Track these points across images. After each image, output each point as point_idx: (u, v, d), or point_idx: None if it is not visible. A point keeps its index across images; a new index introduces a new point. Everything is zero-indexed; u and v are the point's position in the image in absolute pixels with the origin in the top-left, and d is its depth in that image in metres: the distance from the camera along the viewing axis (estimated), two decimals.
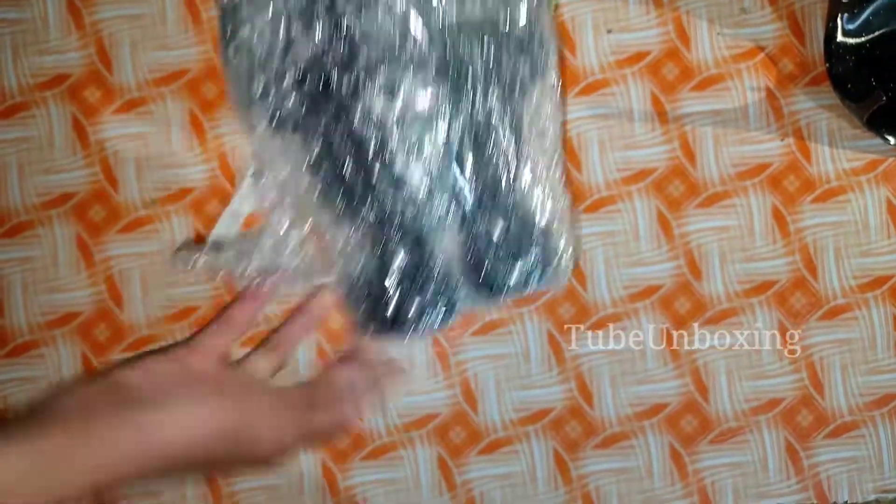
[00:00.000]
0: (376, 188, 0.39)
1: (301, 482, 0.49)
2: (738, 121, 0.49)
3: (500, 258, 0.40)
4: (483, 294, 0.41)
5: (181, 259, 0.42)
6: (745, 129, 0.49)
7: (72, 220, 0.49)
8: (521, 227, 0.41)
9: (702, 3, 0.48)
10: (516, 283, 0.41)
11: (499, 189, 0.40)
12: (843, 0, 0.45)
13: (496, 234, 0.40)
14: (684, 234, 0.49)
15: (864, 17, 0.45)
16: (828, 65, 0.45)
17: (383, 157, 0.38)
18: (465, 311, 0.42)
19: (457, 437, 0.49)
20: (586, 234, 0.49)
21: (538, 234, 0.41)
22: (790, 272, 0.49)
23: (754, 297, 0.49)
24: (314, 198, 0.40)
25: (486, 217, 0.40)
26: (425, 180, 0.39)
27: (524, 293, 0.41)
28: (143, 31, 0.48)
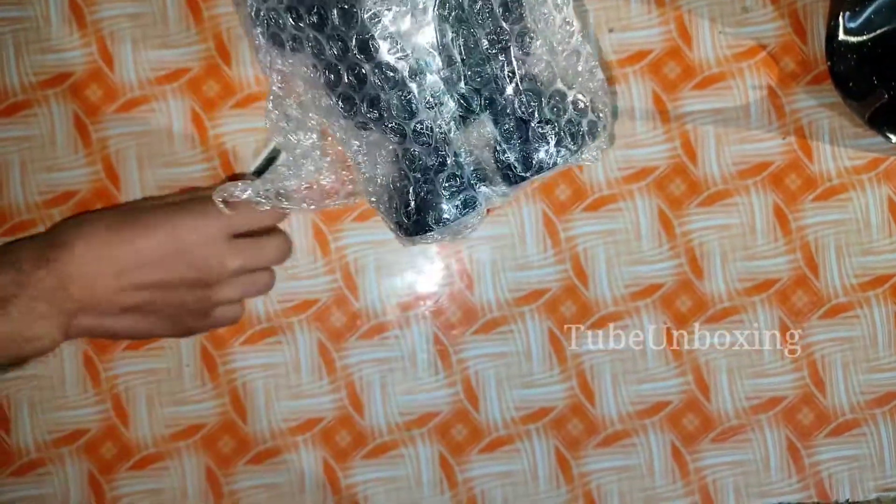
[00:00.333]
0: (388, 87, 0.36)
1: (302, 480, 0.49)
2: (740, 119, 0.49)
3: (531, 134, 0.36)
4: (514, 177, 0.37)
5: (222, 193, 0.41)
6: (746, 128, 0.49)
7: None
8: (546, 97, 0.37)
9: (703, 1, 0.48)
10: (550, 156, 0.37)
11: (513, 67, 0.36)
12: None
13: (529, 91, 0.36)
14: (686, 232, 0.49)
15: (865, 15, 0.45)
16: (829, 63, 0.45)
17: (389, 52, 0.35)
18: (488, 203, 0.39)
19: (458, 435, 0.49)
20: (587, 233, 0.49)
21: (568, 103, 0.37)
22: (791, 270, 0.49)
23: (756, 296, 0.49)
24: (333, 110, 0.38)
25: (507, 98, 0.36)
26: (437, 70, 0.35)
27: (560, 165, 0.38)
28: (144, 30, 0.48)
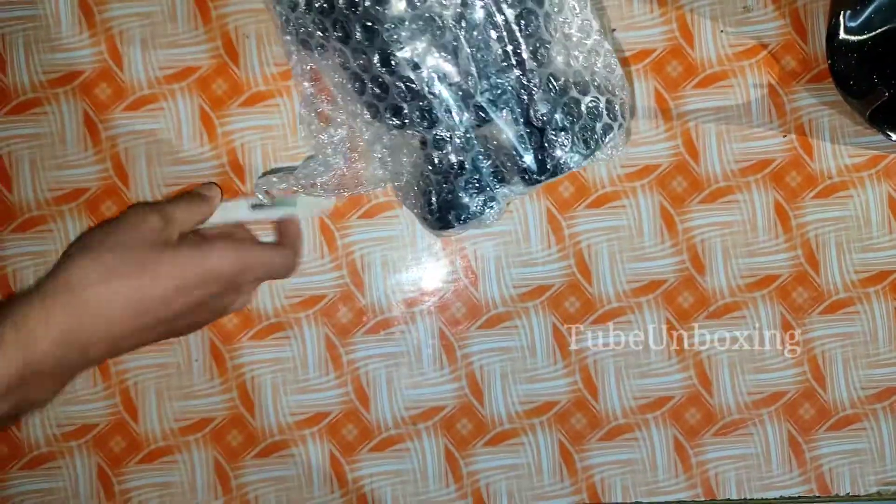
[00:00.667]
0: (409, 98, 0.38)
1: (309, 473, 0.50)
2: (741, 117, 0.49)
3: (546, 141, 0.38)
4: (530, 179, 0.39)
5: (261, 187, 0.46)
6: (747, 126, 0.49)
7: (83, 216, 0.49)
8: (561, 105, 0.38)
9: (705, 1, 0.49)
10: (565, 161, 0.39)
11: (530, 67, 0.38)
12: None
13: (544, 101, 0.38)
14: (687, 229, 0.50)
15: (866, 14, 0.45)
16: (830, 62, 0.46)
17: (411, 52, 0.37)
18: (507, 199, 0.42)
19: (463, 429, 0.50)
20: (591, 230, 0.49)
21: (583, 109, 0.39)
22: (792, 267, 0.50)
23: (757, 292, 0.50)
24: (360, 114, 0.40)
25: (528, 97, 0.38)
26: (466, 70, 0.37)
27: (575, 168, 0.40)
28: (153, 29, 0.49)
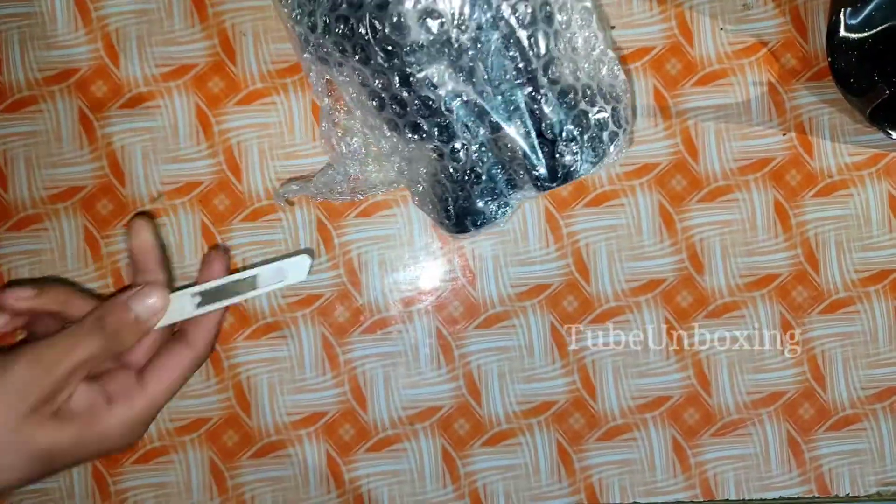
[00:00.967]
0: (428, 115, 0.40)
1: (306, 474, 0.49)
2: (741, 115, 0.49)
3: (567, 137, 0.40)
4: (542, 186, 0.41)
5: (279, 197, 0.48)
6: (747, 124, 0.49)
7: (79, 215, 0.49)
8: (571, 118, 0.40)
9: None
10: (575, 169, 0.41)
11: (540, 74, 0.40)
12: None
13: (555, 114, 0.40)
14: (686, 228, 0.49)
15: (866, 12, 0.45)
16: (830, 60, 0.46)
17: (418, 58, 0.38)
18: (520, 203, 0.44)
19: (460, 429, 0.49)
20: (589, 229, 0.49)
21: (591, 120, 0.41)
22: (792, 266, 0.49)
23: (756, 291, 0.49)
24: (381, 121, 0.42)
25: (541, 104, 0.40)
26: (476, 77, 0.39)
27: (585, 174, 0.41)
28: (149, 26, 0.49)
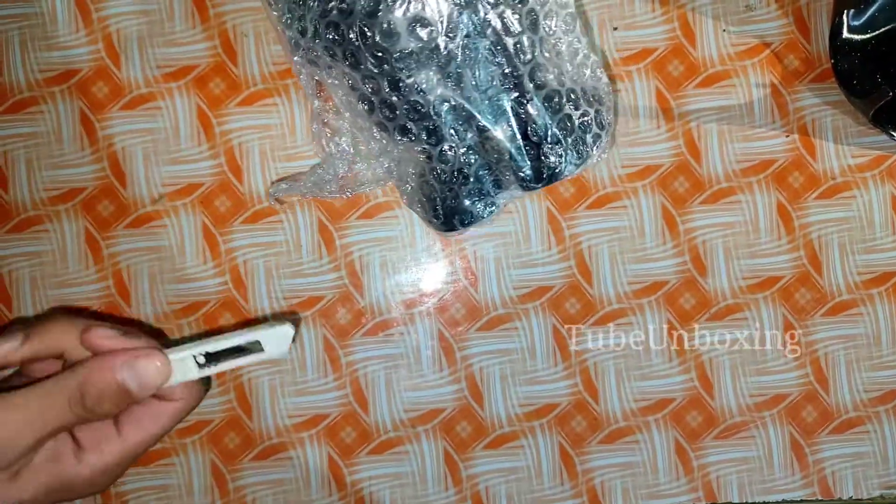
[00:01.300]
0: (416, 119, 0.40)
1: (307, 476, 0.49)
2: (743, 117, 0.49)
3: (552, 139, 0.41)
4: (528, 186, 0.42)
5: (271, 196, 0.48)
6: (750, 126, 0.49)
7: (80, 216, 0.49)
8: (555, 122, 0.41)
9: (707, 0, 0.49)
10: (559, 170, 0.42)
11: (524, 73, 0.40)
12: None
13: (541, 118, 0.41)
14: (689, 229, 0.49)
15: (869, 13, 0.45)
16: (833, 61, 0.45)
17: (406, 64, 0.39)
18: (506, 202, 0.44)
19: (462, 431, 0.49)
20: (591, 231, 0.49)
21: (575, 124, 0.42)
22: (795, 268, 0.49)
23: (759, 293, 0.49)
24: (370, 123, 0.42)
25: (526, 105, 0.41)
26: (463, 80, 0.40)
27: (569, 175, 0.42)
28: (150, 27, 0.49)
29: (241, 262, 0.49)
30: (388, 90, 0.39)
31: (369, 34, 0.37)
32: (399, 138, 0.41)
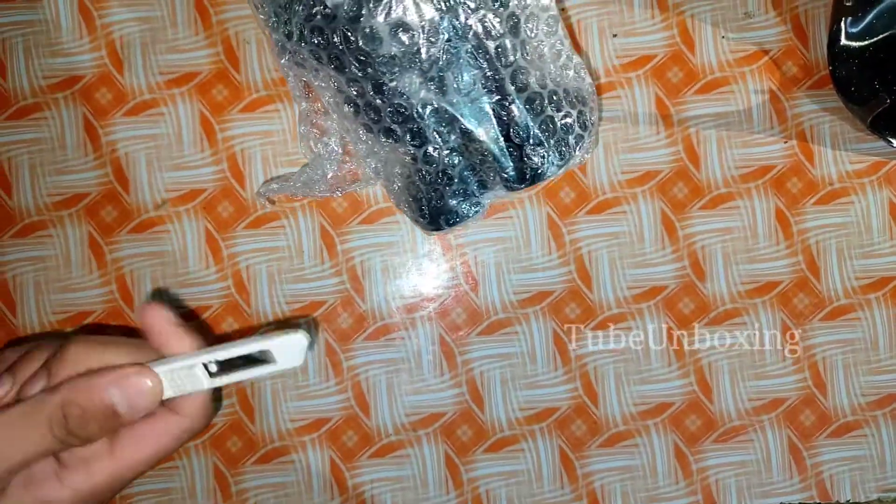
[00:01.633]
0: (400, 121, 0.41)
1: (309, 479, 0.50)
2: (742, 123, 0.49)
3: (534, 141, 0.41)
4: (511, 187, 0.42)
5: (261, 196, 0.48)
6: (748, 132, 0.49)
7: (83, 222, 0.49)
8: (538, 124, 0.42)
9: (706, 7, 0.49)
10: (542, 171, 0.42)
11: (506, 76, 0.41)
12: (847, 4, 0.45)
13: (522, 120, 0.41)
14: (688, 235, 0.49)
15: (867, 20, 0.45)
16: (831, 68, 0.46)
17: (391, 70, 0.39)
18: (491, 201, 0.44)
19: (463, 435, 0.50)
20: (591, 236, 0.49)
21: (558, 125, 0.42)
22: (793, 273, 0.50)
23: (757, 298, 0.49)
24: (356, 125, 0.43)
25: (509, 107, 0.41)
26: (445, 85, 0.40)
27: (552, 177, 0.42)
28: (153, 34, 0.49)
29: (244, 266, 0.49)
30: (371, 93, 0.40)
31: (352, 39, 0.38)
32: (384, 140, 0.42)
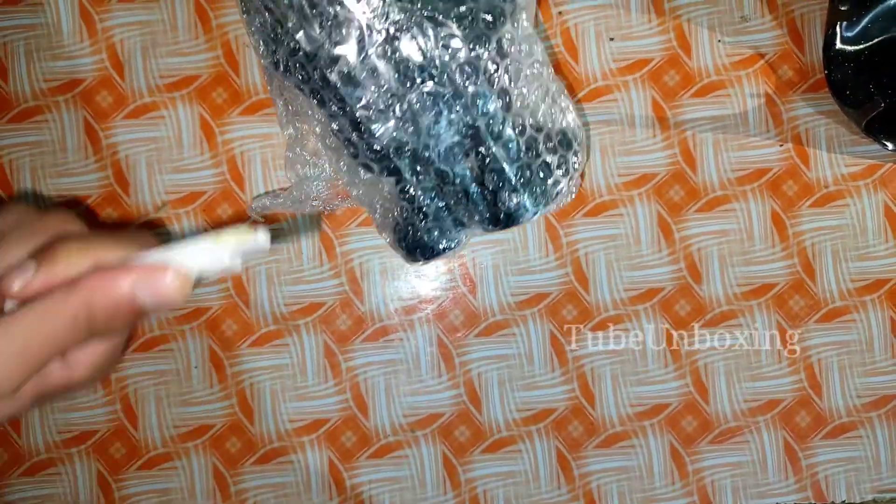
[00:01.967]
0: (378, 160, 0.41)
1: (308, 480, 0.50)
2: (738, 126, 0.50)
3: (508, 187, 0.42)
4: (486, 229, 0.43)
5: (254, 208, 0.48)
6: (744, 135, 0.50)
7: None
8: (514, 172, 0.42)
9: (703, 11, 0.49)
10: (517, 217, 0.42)
11: (492, 118, 0.41)
12: (842, 8, 0.45)
13: (498, 165, 0.41)
14: (685, 237, 0.50)
15: (862, 24, 0.46)
16: (826, 72, 0.46)
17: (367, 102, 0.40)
18: (470, 237, 0.44)
19: (461, 436, 0.50)
20: (588, 238, 0.50)
21: (535, 170, 0.42)
22: (789, 275, 0.50)
23: (753, 300, 0.50)
24: (334, 148, 0.43)
25: (488, 146, 0.41)
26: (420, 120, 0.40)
27: (537, 215, 0.42)
28: (154, 37, 0.49)
29: (243, 268, 0.50)
30: (349, 130, 0.40)
31: (331, 79, 0.38)
32: (363, 173, 0.42)
